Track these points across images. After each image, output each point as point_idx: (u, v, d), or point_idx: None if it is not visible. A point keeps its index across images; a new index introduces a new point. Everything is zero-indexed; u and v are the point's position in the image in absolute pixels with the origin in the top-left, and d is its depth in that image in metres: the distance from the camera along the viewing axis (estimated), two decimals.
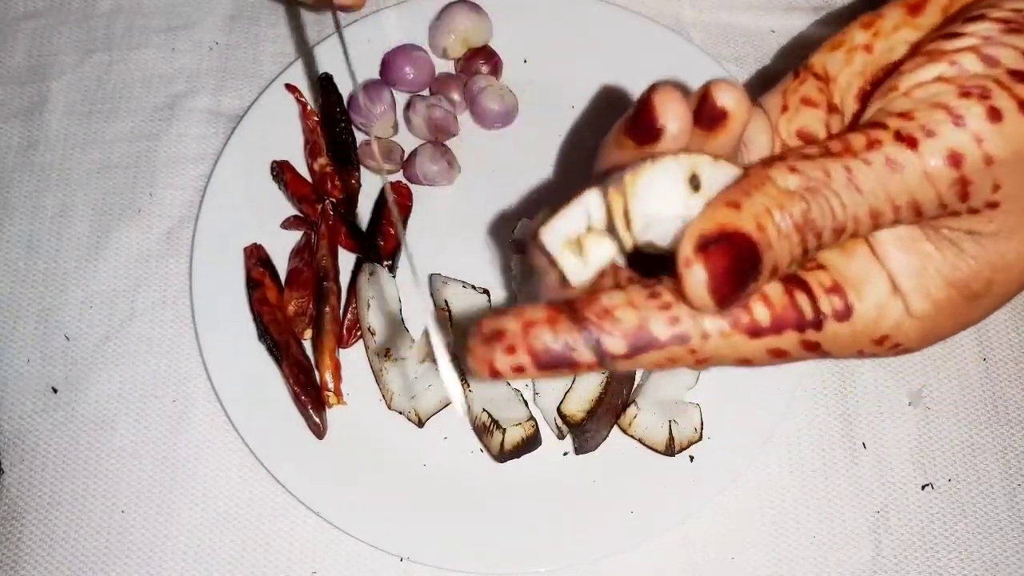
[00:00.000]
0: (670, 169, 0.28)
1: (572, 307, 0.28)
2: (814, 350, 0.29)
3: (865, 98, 0.33)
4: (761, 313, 0.28)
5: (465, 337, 0.29)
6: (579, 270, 0.29)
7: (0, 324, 0.56)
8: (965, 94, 0.27)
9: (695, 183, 0.28)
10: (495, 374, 0.28)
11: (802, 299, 0.29)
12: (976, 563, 0.52)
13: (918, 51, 0.30)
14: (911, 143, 0.27)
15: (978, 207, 0.28)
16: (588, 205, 0.29)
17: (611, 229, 0.29)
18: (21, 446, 0.53)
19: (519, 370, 0.28)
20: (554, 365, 0.28)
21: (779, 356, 0.29)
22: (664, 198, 0.28)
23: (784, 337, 0.29)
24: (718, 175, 0.28)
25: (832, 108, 0.33)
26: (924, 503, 0.53)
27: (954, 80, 0.28)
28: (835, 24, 0.64)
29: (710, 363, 0.29)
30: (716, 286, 0.26)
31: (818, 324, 0.29)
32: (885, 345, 0.30)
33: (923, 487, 0.53)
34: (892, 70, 0.31)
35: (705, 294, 0.26)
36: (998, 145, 0.27)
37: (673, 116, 0.29)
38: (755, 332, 0.29)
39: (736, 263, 0.26)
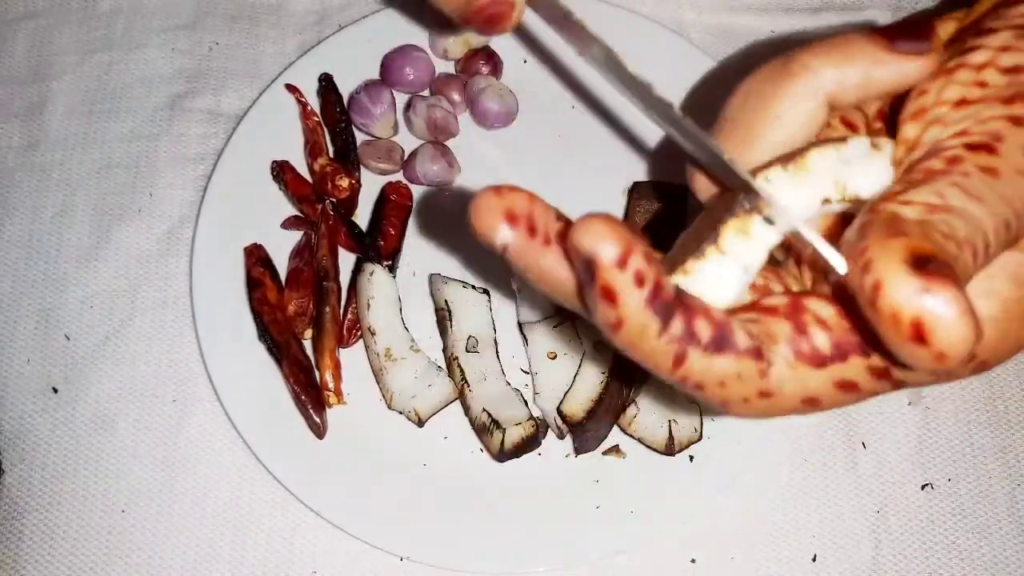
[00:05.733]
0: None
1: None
2: (885, 378, 0.27)
3: (884, 117, 0.32)
4: (820, 338, 0.27)
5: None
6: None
7: (0, 324, 0.56)
8: (1008, 101, 0.27)
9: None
10: (624, 262, 0.24)
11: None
12: (976, 563, 0.52)
13: (938, 72, 0.29)
14: (988, 149, 0.26)
15: None
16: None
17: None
18: (21, 446, 0.53)
19: (640, 280, 0.24)
20: (659, 312, 0.25)
21: (848, 389, 0.27)
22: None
23: (850, 364, 0.27)
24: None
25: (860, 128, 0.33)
26: (924, 503, 0.53)
27: (989, 94, 0.27)
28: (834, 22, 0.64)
29: (775, 392, 0.27)
30: (968, 308, 0.23)
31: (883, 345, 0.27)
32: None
33: (923, 487, 0.53)
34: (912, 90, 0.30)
35: (969, 324, 0.22)
36: None
37: None
38: (819, 360, 0.27)
39: (946, 272, 0.23)
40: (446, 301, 0.54)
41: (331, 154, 0.58)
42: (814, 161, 0.28)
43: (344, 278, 0.56)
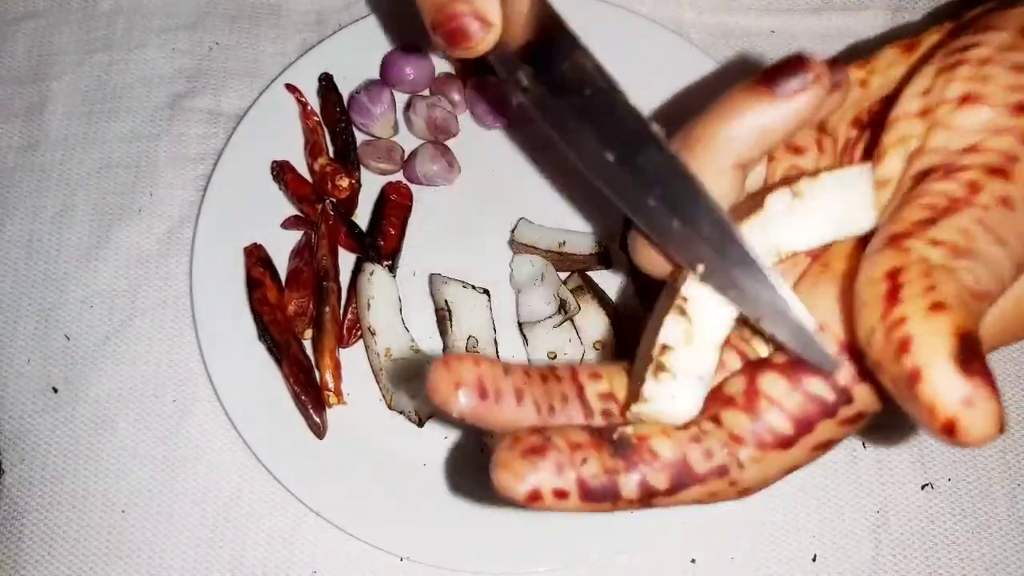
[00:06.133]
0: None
1: (610, 438, 0.27)
2: (858, 421, 0.27)
3: (861, 126, 0.32)
4: (778, 422, 0.27)
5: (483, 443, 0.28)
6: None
7: (0, 324, 0.56)
8: (1017, 110, 0.26)
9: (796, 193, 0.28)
10: (534, 497, 0.26)
11: (813, 383, 0.27)
12: (976, 563, 0.52)
13: (925, 68, 0.28)
14: (1004, 175, 0.25)
15: None
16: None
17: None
18: (21, 446, 0.53)
19: (561, 495, 0.25)
20: (599, 498, 0.26)
21: (824, 447, 0.27)
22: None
23: (819, 430, 0.27)
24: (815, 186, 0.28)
25: (821, 143, 0.32)
26: (924, 503, 0.53)
27: (997, 101, 0.26)
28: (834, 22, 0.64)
29: (755, 489, 0.28)
30: (1000, 404, 0.22)
31: (847, 398, 0.27)
32: None
33: (923, 487, 0.53)
34: (893, 98, 0.30)
35: (998, 423, 0.22)
36: None
37: None
38: (785, 443, 0.27)
39: (986, 367, 0.22)
40: (446, 301, 0.54)
41: (331, 154, 0.58)
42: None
43: (344, 278, 0.56)
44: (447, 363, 0.27)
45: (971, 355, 0.22)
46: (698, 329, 0.28)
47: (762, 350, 0.30)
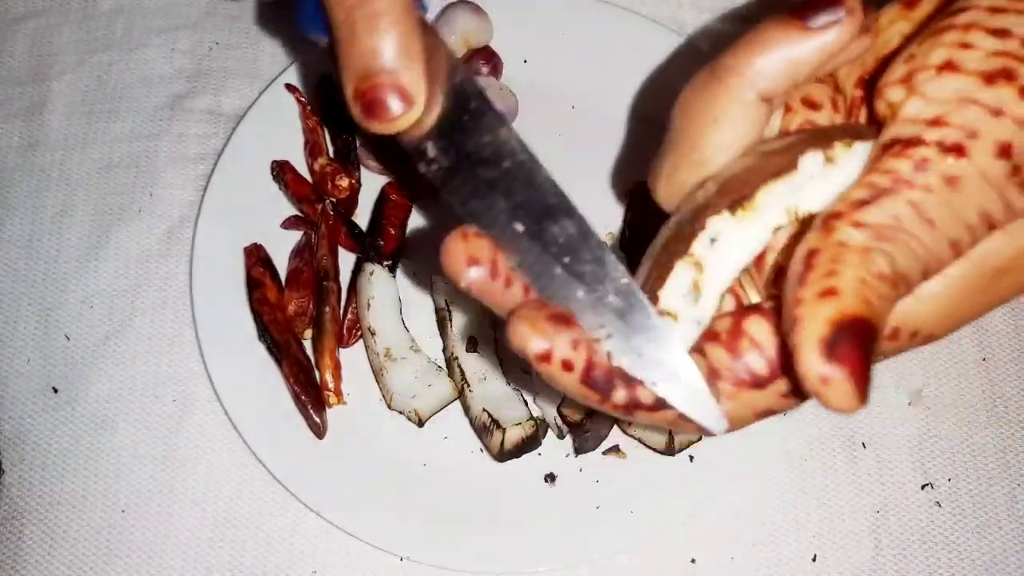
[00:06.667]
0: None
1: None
2: None
3: (865, 85, 0.32)
4: (756, 362, 0.28)
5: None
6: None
7: (0, 324, 0.56)
8: (989, 79, 0.26)
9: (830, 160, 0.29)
10: (544, 357, 0.27)
11: None
12: (975, 562, 0.52)
13: (922, 34, 0.28)
14: (959, 151, 0.26)
15: None
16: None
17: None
18: (21, 446, 0.53)
19: (567, 367, 0.27)
20: (595, 387, 0.28)
21: (797, 396, 0.28)
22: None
23: (791, 376, 0.27)
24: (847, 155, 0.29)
25: (836, 102, 0.32)
26: (924, 503, 0.53)
27: (972, 69, 0.26)
28: None
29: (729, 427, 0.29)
30: (861, 384, 0.24)
31: None
32: (902, 339, 0.28)
33: (923, 487, 0.53)
34: (891, 57, 0.30)
35: (854, 400, 0.24)
36: None
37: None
38: (758, 383, 0.28)
39: (866, 350, 0.24)
40: (446, 301, 0.54)
41: (331, 154, 0.58)
42: (762, 200, 0.28)
43: (344, 278, 0.56)
44: (466, 236, 0.28)
45: (842, 340, 0.24)
46: (707, 280, 0.29)
47: (754, 297, 0.31)
